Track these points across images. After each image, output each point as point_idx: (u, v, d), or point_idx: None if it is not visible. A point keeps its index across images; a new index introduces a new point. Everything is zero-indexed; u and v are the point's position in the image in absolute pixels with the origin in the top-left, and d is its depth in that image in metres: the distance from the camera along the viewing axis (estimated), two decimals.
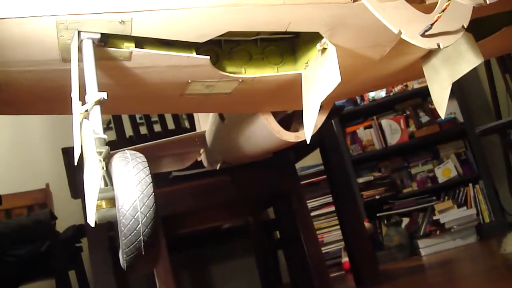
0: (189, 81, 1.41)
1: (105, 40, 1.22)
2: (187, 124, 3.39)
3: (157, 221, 1.06)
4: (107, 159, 1.11)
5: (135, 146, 2.30)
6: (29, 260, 3.40)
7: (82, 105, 1.15)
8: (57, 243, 3.55)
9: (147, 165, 1.11)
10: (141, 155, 1.14)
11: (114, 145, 2.35)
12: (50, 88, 1.38)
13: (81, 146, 1.12)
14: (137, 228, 1.04)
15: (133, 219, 1.04)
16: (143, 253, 1.06)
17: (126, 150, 1.14)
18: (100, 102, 1.15)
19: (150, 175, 1.09)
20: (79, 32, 1.17)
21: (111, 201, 1.06)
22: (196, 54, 1.33)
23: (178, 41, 1.28)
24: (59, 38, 1.16)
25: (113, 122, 3.18)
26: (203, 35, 1.27)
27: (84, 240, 3.75)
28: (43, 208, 4.28)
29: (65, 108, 1.65)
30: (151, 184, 1.08)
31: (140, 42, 1.26)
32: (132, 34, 1.21)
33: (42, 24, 1.12)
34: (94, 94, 1.15)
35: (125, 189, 1.05)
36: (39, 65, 1.25)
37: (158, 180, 2.65)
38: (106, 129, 4.57)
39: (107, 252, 2.67)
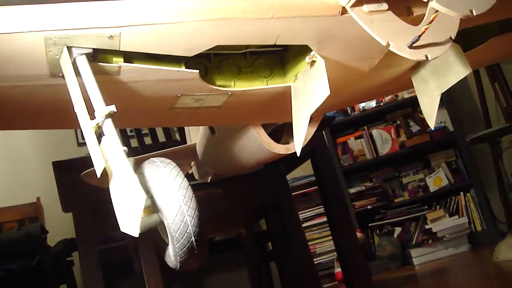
0: (179, 94, 1.41)
1: (94, 55, 1.22)
2: (178, 137, 3.38)
3: (202, 219, 1.11)
4: (135, 169, 1.12)
5: None
6: (20, 274, 3.37)
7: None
8: (48, 257, 3.53)
9: (179, 168, 1.15)
10: (169, 160, 1.18)
11: None
12: (39, 103, 1.37)
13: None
14: (187, 231, 1.10)
15: (183, 223, 1.09)
16: (195, 251, 1.12)
17: (153, 158, 1.18)
18: (110, 115, 1.14)
19: (185, 177, 1.14)
20: (69, 48, 1.17)
21: (148, 209, 1.10)
22: (185, 68, 1.33)
23: (167, 55, 1.28)
24: (47, 53, 1.16)
25: None
26: (192, 49, 1.27)
27: (75, 254, 3.73)
28: (34, 222, 4.26)
29: (54, 122, 1.66)
30: (189, 186, 1.13)
31: (129, 56, 1.26)
32: (120, 49, 1.21)
33: (30, 40, 1.12)
34: (102, 108, 1.14)
35: (168, 196, 1.10)
36: (28, 80, 1.24)
37: None
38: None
39: (98, 266, 2.66)
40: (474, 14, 1.16)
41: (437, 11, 1.16)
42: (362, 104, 5.31)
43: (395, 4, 1.26)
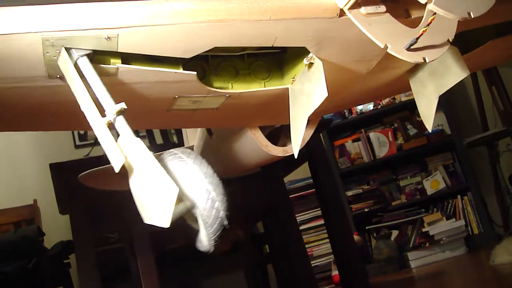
0: (176, 96, 1.41)
1: (92, 56, 1.22)
2: (175, 139, 3.39)
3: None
4: None
5: None
6: (17, 277, 3.36)
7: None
8: (45, 260, 3.52)
9: (201, 157, 1.19)
10: (189, 150, 1.21)
11: (103, 161, 2.35)
12: (37, 105, 1.37)
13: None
14: (219, 216, 1.16)
15: (214, 209, 1.15)
16: (226, 234, 1.19)
17: (172, 150, 1.21)
18: (121, 112, 1.14)
19: (208, 165, 1.18)
20: (68, 49, 1.17)
21: (177, 200, 1.10)
22: (183, 69, 1.33)
23: (165, 57, 1.28)
24: (44, 54, 1.16)
25: None
26: (190, 51, 1.27)
27: (72, 256, 3.73)
28: (31, 224, 4.24)
29: (52, 124, 1.65)
30: (214, 172, 1.18)
31: (127, 58, 1.26)
32: (118, 50, 1.21)
33: (28, 41, 1.12)
34: (112, 106, 1.14)
35: (197, 185, 1.14)
36: (25, 82, 1.24)
37: None
38: (94, 144, 4.58)
39: (95, 268, 2.65)
40: (472, 16, 1.16)
41: (435, 13, 1.16)
42: (360, 107, 5.31)
43: (393, 6, 1.26)
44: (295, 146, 1.44)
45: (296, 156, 1.48)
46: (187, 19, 1.16)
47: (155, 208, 1.08)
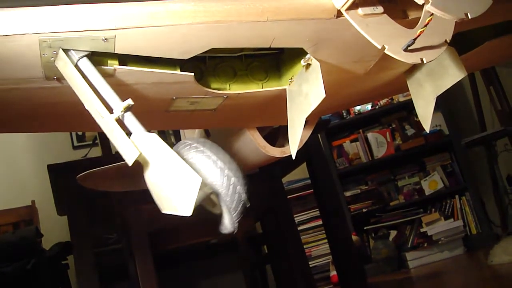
0: (174, 97, 1.41)
1: (90, 58, 1.21)
2: (173, 140, 3.38)
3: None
4: None
5: (121, 163, 2.29)
6: (15, 278, 3.36)
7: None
8: (43, 261, 3.52)
9: (212, 142, 1.24)
10: (203, 139, 1.26)
11: (100, 162, 2.35)
12: (34, 106, 1.37)
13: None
14: (242, 199, 1.22)
15: (237, 194, 1.21)
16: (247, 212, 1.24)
17: (186, 140, 1.26)
18: (129, 108, 1.15)
19: (222, 149, 1.22)
20: (66, 51, 1.17)
21: None
22: (181, 70, 1.33)
23: (163, 58, 1.28)
24: (41, 56, 1.16)
25: (99, 139, 3.17)
26: (187, 52, 1.26)
27: (70, 257, 3.72)
28: (29, 225, 4.24)
29: (49, 125, 1.65)
30: (230, 156, 1.22)
31: (124, 59, 1.26)
32: (115, 52, 1.21)
33: (24, 42, 1.11)
34: (119, 102, 1.15)
35: (217, 172, 1.18)
36: (22, 83, 1.24)
37: (145, 196, 2.64)
38: (92, 145, 4.58)
39: (94, 269, 2.65)
40: (469, 17, 1.16)
41: (432, 14, 1.16)
42: (358, 107, 5.32)
43: (390, 7, 1.26)
44: (293, 146, 1.44)
45: (294, 157, 1.48)
46: (184, 20, 1.16)
47: (177, 198, 1.10)
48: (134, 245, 2.56)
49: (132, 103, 1.15)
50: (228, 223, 1.25)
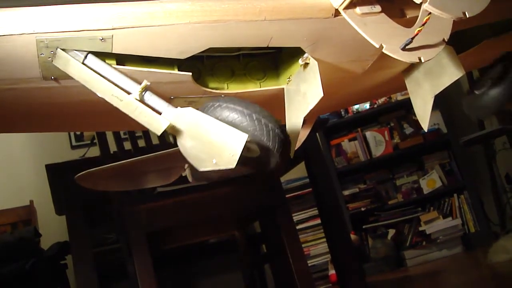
0: (172, 97, 1.41)
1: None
2: (171, 139, 3.38)
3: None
4: None
5: (119, 162, 2.29)
6: (14, 278, 3.36)
7: None
8: (41, 261, 3.52)
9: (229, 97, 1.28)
10: (218, 96, 1.28)
11: (99, 161, 2.35)
12: (32, 106, 1.37)
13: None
14: (276, 133, 1.22)
15: (271, 130, 1.21)
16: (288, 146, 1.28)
17: (206, 102, 1.25)
18: (147, 88, 1.18)
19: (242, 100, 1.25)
20: (67, 50, 1.17)
21: None
22: (178, 70, 1.33)
23: (160, 57, 1.28)
24: (39, 56, 1.15)
25: (96, 138, 3.17)
26: (185, 51, 1.26)
27: (69, 257, 3.72)
28: (27, 225, 4.24)
29: (47, 125, 1.65)
30: (251, 102, 1.25)
31: (122, 59, 1.25)
32: (113, 52, 1.20)
33: (22, 42, 1.11)
34: (136, 85, 1.19)
35: (245, 117, 1.20)
36: (19, 83, 1.23)
37: (143, 196, 2.64)
38: (90, 144, 4.58)
39: (92, 269, 2.65)
40: (467, 16, 1.16)
41: (430, 13, 1.16)
42: (356, 106, 5.32)
43: (388, 6, 1.26)
44: (292, 146, 1.44)
45: (292, 156, 1.48)
46: (181, 20, 1.16)
47: (220, 156, 1.14)
48: (133, 244, 2.56)
49: (148, 83, 1.18)
50: (269, 158, 1.27)
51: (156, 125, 1.16)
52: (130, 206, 2.58)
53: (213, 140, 1.15)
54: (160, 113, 1.18)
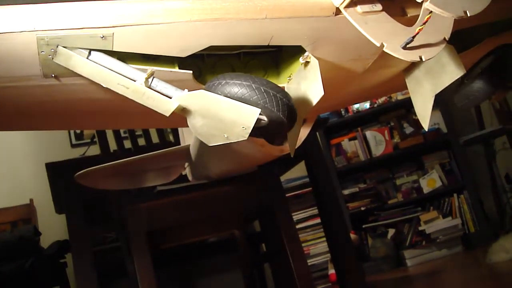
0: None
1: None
2: (171, 138, 3.38)
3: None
4: None
5: (119, 161, 2.29)
6: (13, 277, 3.36)
7: None
8: (41, 259, 3.52)
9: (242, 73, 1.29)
10: (224, 74, 1.28)
11: (99, 160, 2.35)
12: (32, 104, 1.37)
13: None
14: (285, 102, 1.24)
15: (279, 100, 1.24)
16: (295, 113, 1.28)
17: (213, 80, 1.27)
18: (153, 74, 1.20)
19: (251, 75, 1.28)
20: (73, 49, 1.17)
21: None
22: (179, 68, 1.33)
23: (161, 55, 1.28)
24: (39, 54, 1.15)
25: (96, 137, 3.17)
26: (185, 49, 1.26)
27: (68, 256, 3.72)
28: (27, 224, 4.25)
29: (48, 123, 1.65)
30: (262, 78, 1.26)
31: (123, 57, 1.25)
32: (114, 49, 1.20)
33: (22, 40, 1.11)
34: (141, 74, 1.20)
35: (254, 91, 1.22)
36: (20, 81, 1.23)
37: (143, 195, 2.64)
38: (90, 143, 4.57)
39: (92, 267, 2.65)
40: (468, 15, 1.15)
41: (431, 12, 1.16)
42: (356, 106, 5.31)
43: (389, 4, 1.26)
44: (292, 145, 1.44)
45: (292, 155, 1.48)
46: (182, 18, 1.16)
47: (231, 130, 1.18)
48: (133, 243, 2.56)
49: (154, 69, 1.20)
50: (278, 126, 1.28)
51: (165, 107, 1.18)
52: (130, 205, 2.58)
53: (226, 116, 1.18)
54: (170, 98, 1.20)
